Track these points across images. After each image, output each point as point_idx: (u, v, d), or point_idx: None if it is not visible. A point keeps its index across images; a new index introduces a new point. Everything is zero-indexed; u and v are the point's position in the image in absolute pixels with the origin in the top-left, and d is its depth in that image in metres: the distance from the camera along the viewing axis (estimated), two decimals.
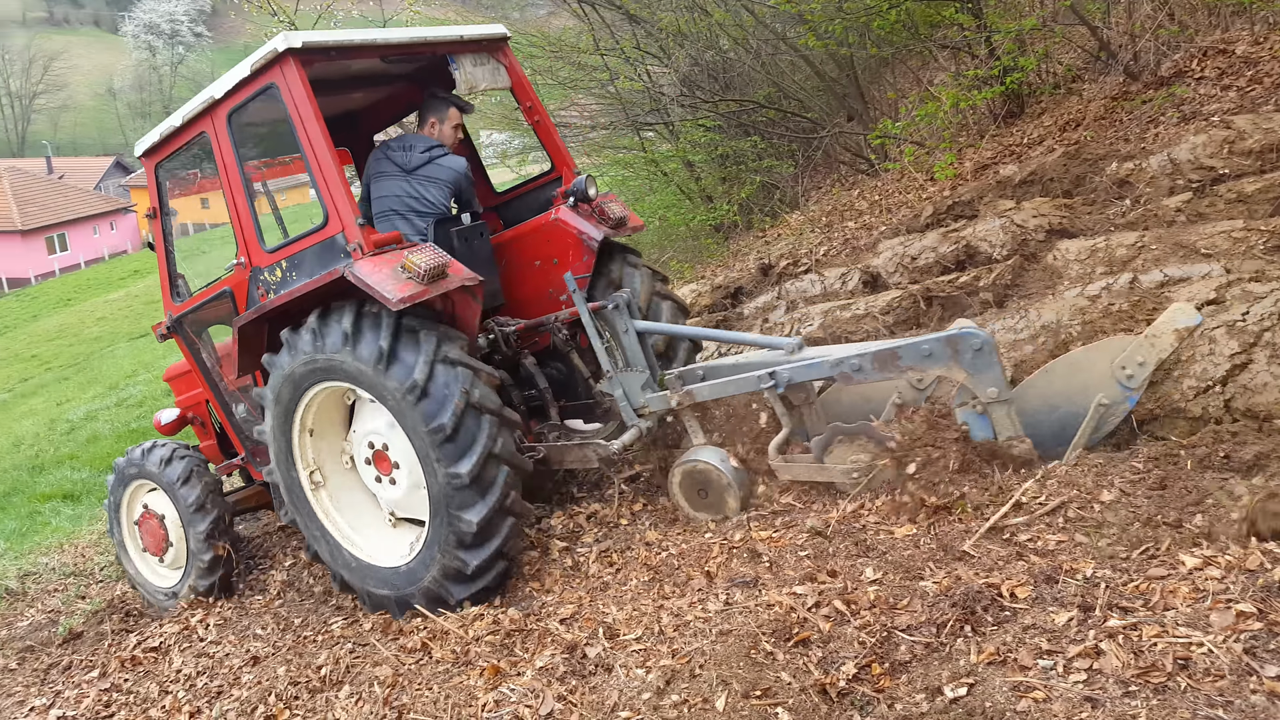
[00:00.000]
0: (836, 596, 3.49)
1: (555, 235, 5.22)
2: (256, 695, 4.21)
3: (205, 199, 66.71)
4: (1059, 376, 4.01)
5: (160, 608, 5.94)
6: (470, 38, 5.13)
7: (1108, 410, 3.89)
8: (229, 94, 4.72)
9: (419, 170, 5.18)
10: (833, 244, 7.13)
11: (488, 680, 3.73)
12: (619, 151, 11.99)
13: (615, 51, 10.08)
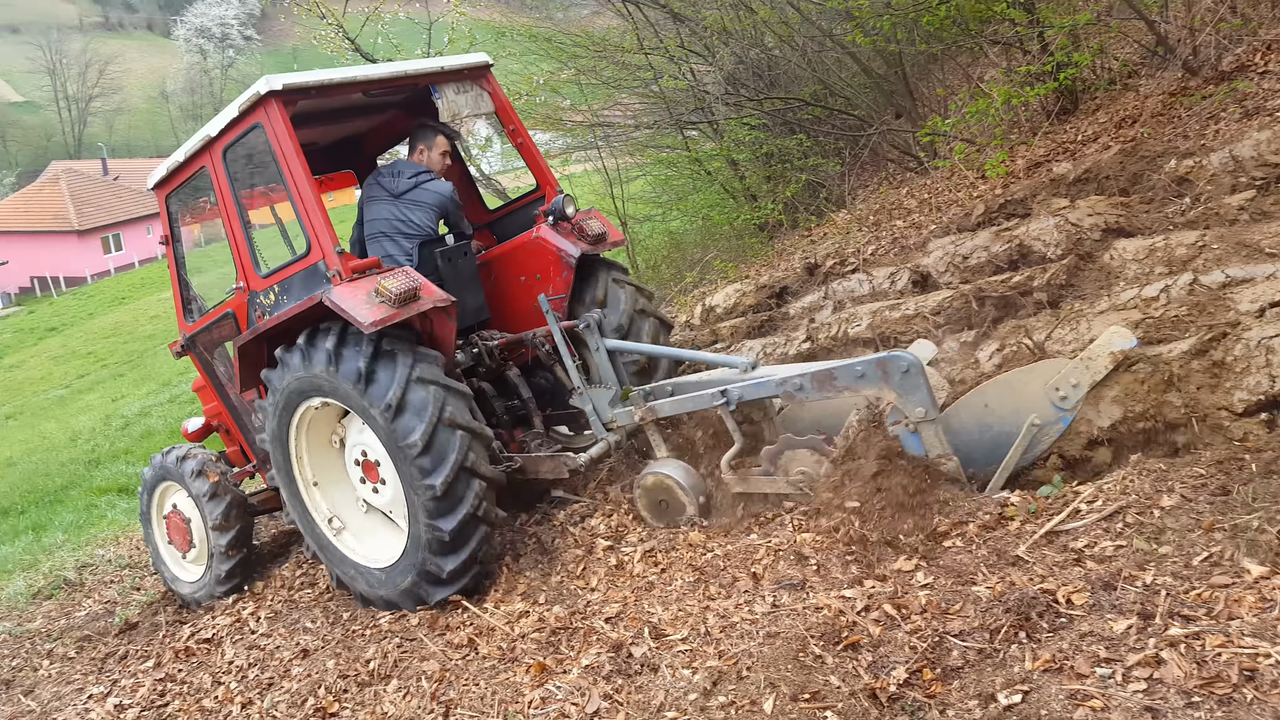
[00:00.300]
0: (886, 600, 3.45)
1: (537, 252, 5.48)
2: (306, 687, 4.26)
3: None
4: (993, 397, 4.09)
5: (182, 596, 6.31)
6: (451, 68, 5.44)
7: (1040, 430, 3.97)
8: (222, 133, 5.07)
9: (406, 194, 5.46)
10: (881, 243, 7.04)
11: (534, 677, 3.74)
12: (662, 151, 11.96)
13: (659, 50, 10.05)
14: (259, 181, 5.55)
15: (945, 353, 4.93)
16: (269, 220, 6.54)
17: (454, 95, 5.41)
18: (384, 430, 4.55)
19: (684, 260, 12.02)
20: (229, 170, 5.15)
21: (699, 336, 7.27)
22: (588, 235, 5.38)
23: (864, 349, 5.48)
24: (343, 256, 4.70)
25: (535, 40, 11.61)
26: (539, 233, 5.45)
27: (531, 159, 5.75)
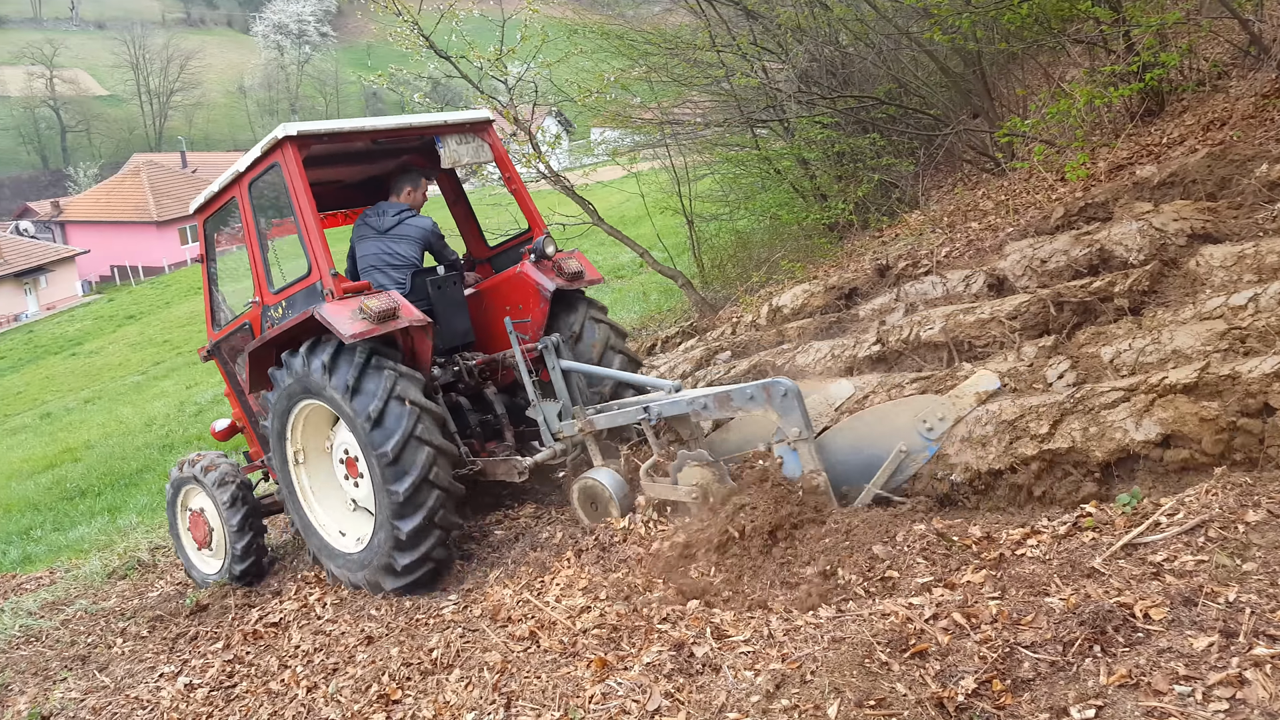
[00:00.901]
0: (955, 609, 3.38)
1: (520, 286, 6.15)
2: (370, 674, 4.31)
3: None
4: (867, 424, 4.54)
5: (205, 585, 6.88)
6: (454, 122, 6.15)
7: (907, 457, 4.40)
8: (248, 169, 5.86)
9: (391, 230, 6.17)
10: (955, 245, 6.90)
11: (595, 672, 3.74)
12: (731, 149, 11.88)
13: (731, 48, 9.97)
14: (275, 212, 6.16)
15: (1011, 363, 4.83)
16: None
17: (455, 145, 6.12)
18: (363, 436, 5.20)
19: (750, 260, 11.94)
20: (253, 201, 5.94)
21: (764, 337, 7.22)
22: (565, 273, 6.01)
23: (936, 353, 5.39)
24: (337, 278, 5.42)
25: (607, 37, 11.62)
26: (522, 269, 6.12)
27: (523, 204, 6.42)
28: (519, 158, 11.62)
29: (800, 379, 5.77)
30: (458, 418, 6.10)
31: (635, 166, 13.57)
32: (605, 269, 20.22)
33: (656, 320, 13.30)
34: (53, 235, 61.79)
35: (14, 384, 34.25)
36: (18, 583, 9.56)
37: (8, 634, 7.08)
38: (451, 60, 11.21)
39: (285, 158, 5.54)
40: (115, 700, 5.26)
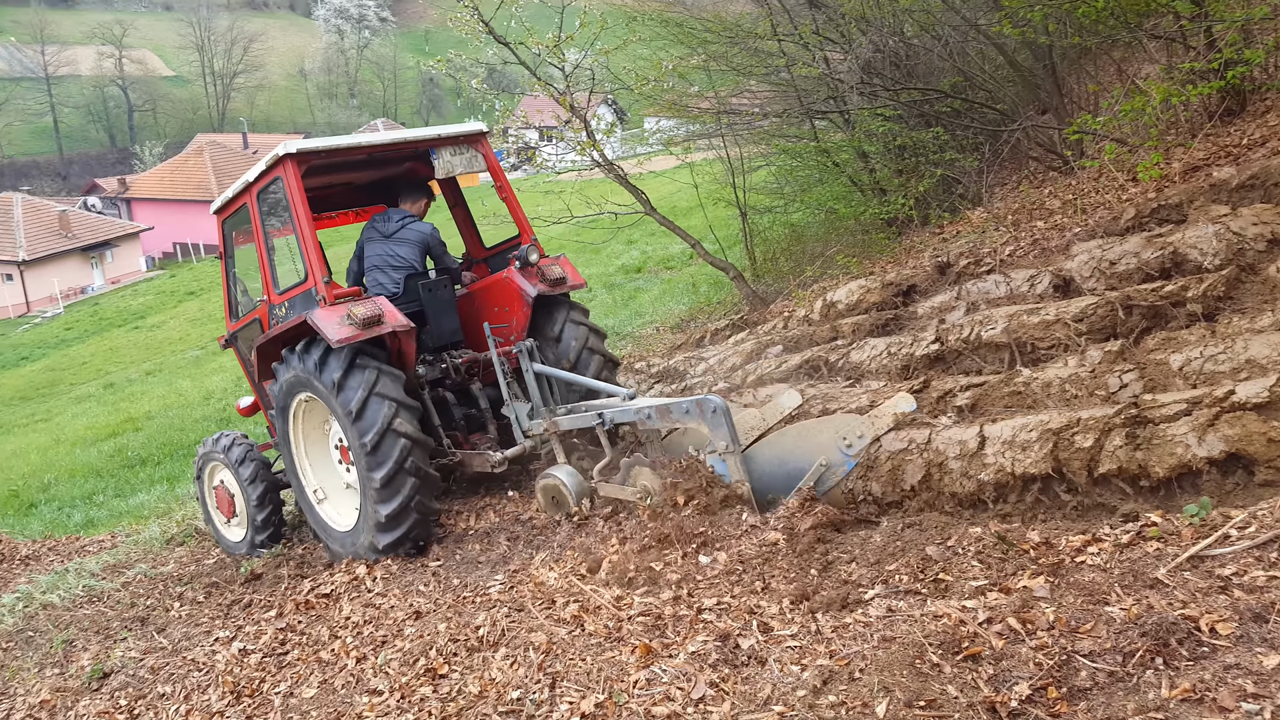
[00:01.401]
0: (1011, 614, 3.31)
1: (506, 289, 6.59)
2: (418, 648, 4.36)
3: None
4: (791, 439, 4.86)
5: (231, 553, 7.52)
6: (448, 135, 6.63)
7: (827, 470, 4.69)
8: (256, 180, 6.43)
9: (394, 235, 6.70)
10: (1020, 244, 6.75)
11: (639, 658, 3.73)
12: (788, 140, 11.74)
13: (793, 37, 9.85)
14: (278, 220, 6.59)
15: (1073, 368, 4.71)
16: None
17: (449, 156, 6.60)
18: (347, 428, 5.72)
19: (804, 254, 11.83)
20: (260, 208, 6.48)
21: (817, 332, 7.14)
22: (548, 279, 6.44)
23: (997, 354, 5.28)
24: (329, 285, 5.94)
25: (666, 25, 11.56)
26: (508, 274, 6.56)
27: (514, 211, 6.87)
28: (573, 145, 11.63)
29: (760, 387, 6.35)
30: (443, 412, 6.60)
31: (690, 156, 13.50)
32: (655, 259, 20.21)
33: (706, 312, 13.25)
34: (119, 211, 63.29)
35: (80, 354, 35.22)
36: (81, 545, 9.85)
37: (72, 593, 7.29)
38: (510, 46, 11.23)
39: (286, 173, 6.07)
40: (172, 661, 5.39)
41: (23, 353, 39.85)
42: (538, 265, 6.50)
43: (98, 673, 5.54)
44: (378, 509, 5.68)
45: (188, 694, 4.90)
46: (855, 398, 5.37)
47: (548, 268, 6.51)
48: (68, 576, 7.84)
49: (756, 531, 4.48)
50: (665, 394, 7.44)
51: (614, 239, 16.66)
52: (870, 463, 4.57)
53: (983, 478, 4.27)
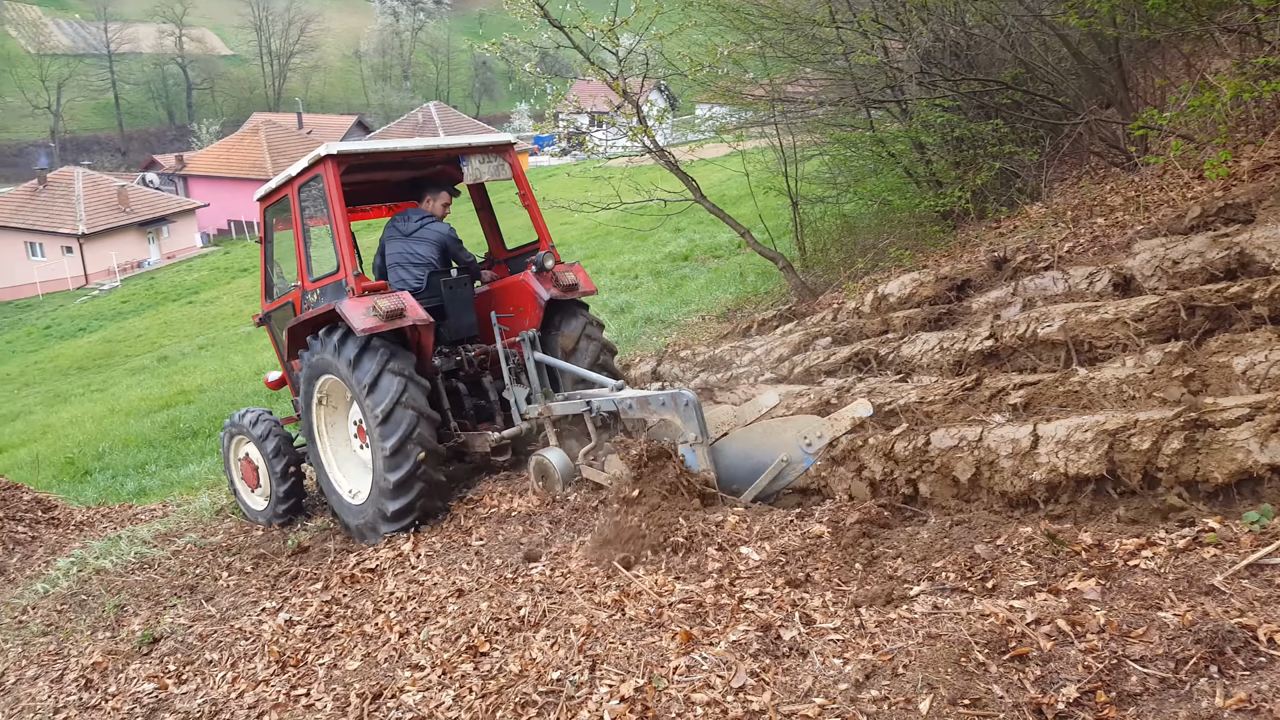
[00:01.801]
0: (1060, 615, 3.25)
1: (522, 291, 7.00)
2: (460, 625, 4.40)
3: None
4: (757, 435, 5.15)
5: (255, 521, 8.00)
6: (477, 145, 7.08)
7: (787, 466, 4.97)
8: (298, 175, 6.87)
9: (413, 234, 7.10)
10: (1079, 240, 6.61)
11: (680, 645, 3.73)
12: (843, 129, 11.60)
13: (852, 24, 9.71)
14: (316, 213, 6.97)
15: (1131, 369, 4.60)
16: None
17: (478, 164, 7.01)
18: (362, 402, 6.16)
19: (855, 245, 11.69)
20: (300, 201, 6.89)
21: (868, 325, 7.06)
22: (561, 284, 6.88)
23: (1053, 352, 5.18)
24: (359, 278, 6.41)
25: (723, 11, 11.46)
26: (525, 277, 6.98)
27: (535, 219, 7.36)
28: (624, 130, 11.60)
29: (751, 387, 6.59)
30: (455, 400, 7.04)
31: (742, 144, 13.40)
32: (703, 248, 20.13)
33: (753, 302, 13.17)
34: (175, 188, 64.50)
35: (136, 327, 36.00)
36: (133, 513, 10.07)
37: (124, 559, 7.47)
38: (564, 30, 11.22)
39: (326, 172, 6.51)
40: (220, 629, 5.49)
41: (80, 324, 40.83)
42: (553, 271, 6.93)
43: (148, 638, 5.66)
44: (387, 476, 6.09)
45: (234, 662, 5.00)
46: (904, 392, 5.31)
47: (562, 274, 6.94)
48: (120, 543, 8.03)
49: (802, 523, 4.45)
50: (710, 383, 7.46)
51: (662, 226, 16.62)
52: (920, 459, 4.52)
53: (1034, 477, 4.20)
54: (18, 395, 27.03)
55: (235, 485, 8.29)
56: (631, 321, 14.49)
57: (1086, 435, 4.13)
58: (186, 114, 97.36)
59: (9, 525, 8.96)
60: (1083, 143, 9.19)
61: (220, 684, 4.80)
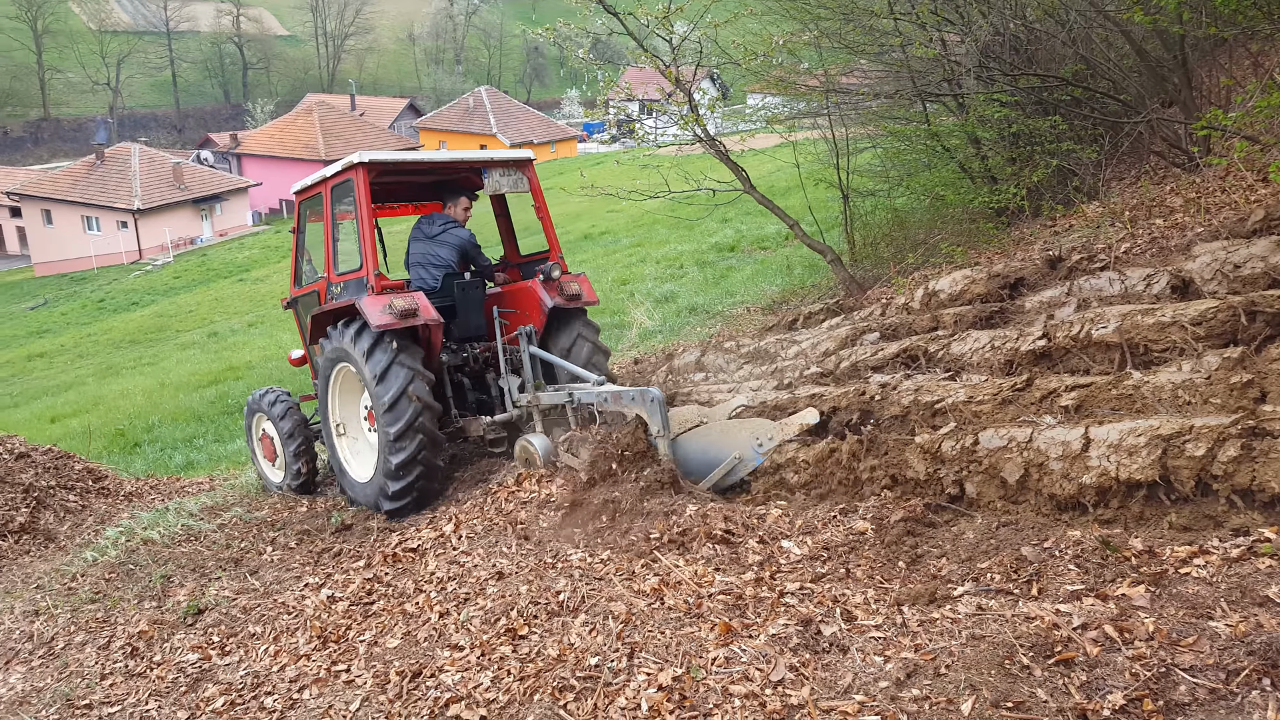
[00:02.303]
0: (1107, 621, 3.20)
1: (529, 296, 7.51)
2: (500, 607, 4.42)
3: (484, 146, 70.77)
4: (715, 433, 5.69)
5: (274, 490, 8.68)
6: (499, 159, 7.60)
7: (739, 463, 5.48)
8: (333, 176, 7.39)
9: (436, 237, 7.65)
10: (1136, 241, 6.47)
11: (719, 636, 3.73)
12: (898, 122, 11.45)
13: (910, 16, 9.57)
14: (345, 210, 7.55)
15: (1187, 374, 4.49)
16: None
17: (499, 177, 7.49)
18: (372, 390, 6.70)
19: (906, 240, 11.55)
20: (332, 200, 7.43)
21: (917, 321, 6.97)
22: (565, 294, 7.39)
23: (1107, 354, 5.08)
24: (379, 277, 6.92)
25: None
26: (533, 284, 7.47)
27: (547, 230, 7.81)
28: (675, 119, 11.55)
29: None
30: (459, 393, 7.63)
31: (794, 135, 13.28)
32: (749, 239, 20.02)
33: (799, 295, 13.08)
34: (229, 166, 65.51)
35: (187, 303, 36.68)
36: (181, 485, 10.28)
37: (171, 531, 7.62)
38: (618, 16, 11.19)
39: (357, 177, 7.02)
40: (264, 603, 5.59)
41: (133, 298, 41.68)
42: (559, 281, 7.45)
43: (193, 609, 5.77)
44: (390, 459, 6.64)
45: (277, 635, 5.08)
46: (952, 390, 5.24)
47: (567, 284, 7.46)
48: (168, 515, 8.19)
49: (845, 519, 4.42)
50: (754, 374, 7.46)
51: (709, 216, 16.57)
52: (968, 459, 4.46)
53: (1084, 481, 4.13)
54: (71, 366, 27.69)
55: (256, 457, 9.06)
56: (675, 311, 14.47)
57: (1140, 440, 4.05)
58: (242, 93, 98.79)
59: (60, 493, 9.17)
60: (1143, 142, 8.98)
61: (262, 656, 4.88)
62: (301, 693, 4.34)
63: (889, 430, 5.18)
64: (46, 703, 4.96)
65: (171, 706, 4.60)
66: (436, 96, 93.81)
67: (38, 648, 5.87)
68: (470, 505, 6.35)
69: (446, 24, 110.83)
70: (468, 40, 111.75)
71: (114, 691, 4.96)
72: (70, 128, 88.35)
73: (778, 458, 5.37)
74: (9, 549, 8.08)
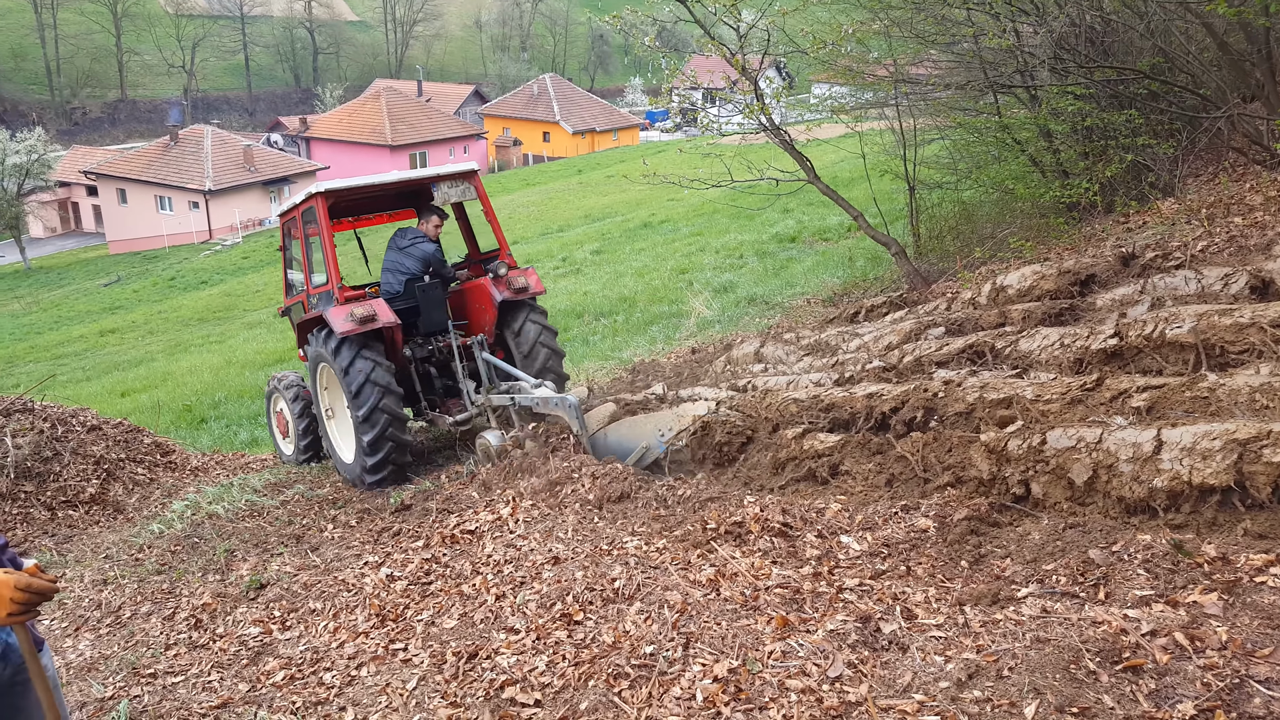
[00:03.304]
0: (1178, 628, 3.11)
1: (481, 293, 8.61)
2: (555, 592, 4.45)
3: (547, 133, 71.01)
4: (629, 427, 6.56)
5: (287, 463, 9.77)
6: (445, 174, 8.62)
7: (647, 451, 6.31)
8: (301, 203, 8.55)
9: (405, 249, 8.64)
10: (1214, 240, 6.26)
11: (775, 630, 3.70)
12: (968, 113, 11.22)
13: (983, 6, 9.36)
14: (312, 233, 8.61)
15: (1266, 376, 4.34)
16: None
17: (447, 188, 8.54)
18: (341, 382, 7.75)
19: (973, 234, 11.34)
20: (303, 223, 8.59)
21: (984, 317, 6.84)
22: (513, 287, 8.38)
23: (1181, 354, 4.93)
24: (342, 289, 8.08)
25: None
26: (483, 281, 8.55)
27: (496, 231, 8.81)
28: (740, 107, 11.47)
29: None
30: (427, 382, 8.72)
31: (860, 126, 13.12)
32: (810, 230, 19.84)
33: (861, 287, 12.93)
34: (298, 149, 66.69)
35: (254, 282, 37.46)
36: (245, 462, 10.52)
37: (235, 506, 7.80)
38: (685, 3, 11.13)
39: (318, 205, 8.12)
40: (324, 580, 5.69)
41: (203, 277, 42.69)
42: (506, 276, 8.45)
43: (255, 583, 5.90)
44: (362, 438, 7.68)
45: (336, 612, 5.16)
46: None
47: (514, 279, 8.44)
48: (232, 490, 8.39)
49: (907, 515, 4.36)
50: (814, 366, 7.40)
51: (771, 206, 16.43)
52: (1035, 459, 4.37)
53: (1156, 484, 4.02)
54: (141, 342, 28.48)
55: (273, 432, 10.19)
56: (735, 301, 14.41)
57: (1215, 443, 3.92)
58: (312, 78, 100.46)
59: (130, 466, 9.45)
60: (1222, 138, 8.68)
61: (322, 633, 4.97)
62: (360, 670, 4.41)
63: (954, 427, 5.09)
64: (113, 670, 5.11)
65: (233, 678, 4.70)
66: (502, 83, 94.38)
67: (105, 616, 6.05)
68: (528, 490, 6.39)
69: (513, 11, 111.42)
70: (534, 27, 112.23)
71: (178, 661, 5.09)
72: (146, 109, 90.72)
73: None
74: (79, 519, 8.35)
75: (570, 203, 41.78)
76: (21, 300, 42.99)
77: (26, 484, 8.33)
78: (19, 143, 51.86)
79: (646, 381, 8.57)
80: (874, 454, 5.23)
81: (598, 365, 11.94)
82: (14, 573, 2.53)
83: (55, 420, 9.23)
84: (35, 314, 39.11)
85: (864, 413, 5.70)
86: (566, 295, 18.54)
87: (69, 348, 29.68)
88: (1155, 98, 8.85)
